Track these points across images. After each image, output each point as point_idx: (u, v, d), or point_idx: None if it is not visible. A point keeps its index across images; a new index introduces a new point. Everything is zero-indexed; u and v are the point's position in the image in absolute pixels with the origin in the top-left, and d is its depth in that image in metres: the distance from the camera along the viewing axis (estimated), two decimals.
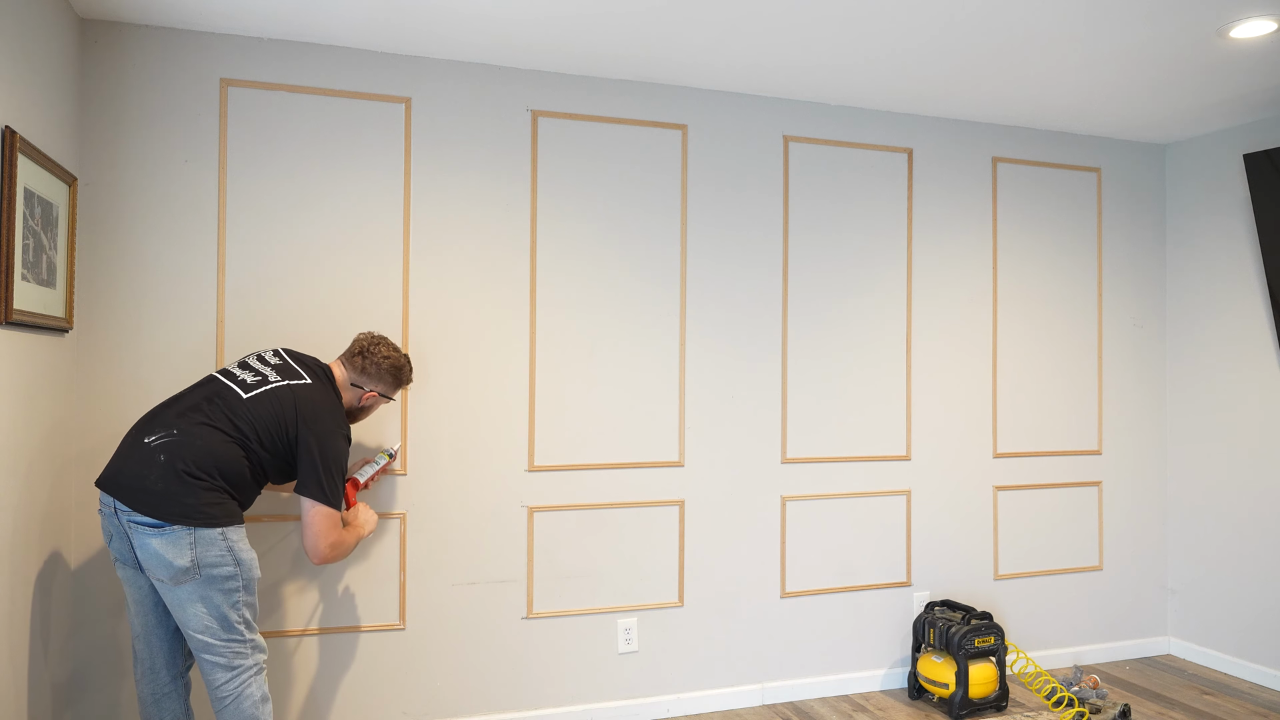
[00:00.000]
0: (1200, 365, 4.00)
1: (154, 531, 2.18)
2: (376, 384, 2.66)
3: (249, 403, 2.37)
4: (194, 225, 2.85)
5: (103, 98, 2.77)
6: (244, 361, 2.51)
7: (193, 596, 2.22)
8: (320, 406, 2.45)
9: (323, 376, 2.55)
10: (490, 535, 3.14)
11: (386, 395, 2.70)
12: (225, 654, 2.27)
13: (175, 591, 2.22)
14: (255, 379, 2.43)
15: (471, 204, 3.13)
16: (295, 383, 2.46)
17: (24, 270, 2.28)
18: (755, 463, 3.46)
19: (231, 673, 2.28)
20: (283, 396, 2.41)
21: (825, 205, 3.58)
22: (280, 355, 2.55)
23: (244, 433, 2.34)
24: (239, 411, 2.35)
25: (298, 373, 2.50)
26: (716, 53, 3.04)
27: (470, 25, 2.81)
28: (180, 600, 2.22)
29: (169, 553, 2.18)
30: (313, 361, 2.59)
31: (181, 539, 2.19)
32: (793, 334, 3.52)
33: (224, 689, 2.27)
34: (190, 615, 2.23)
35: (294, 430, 2.41)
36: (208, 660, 2.27)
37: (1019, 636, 3.86)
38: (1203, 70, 3.17)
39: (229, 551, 2.25)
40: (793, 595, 3.51)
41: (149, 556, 2.19)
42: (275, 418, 2.39)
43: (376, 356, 2.63)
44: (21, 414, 2.31)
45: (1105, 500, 4.03)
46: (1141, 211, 4.12)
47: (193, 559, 2.20)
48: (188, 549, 2.20)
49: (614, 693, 3.27)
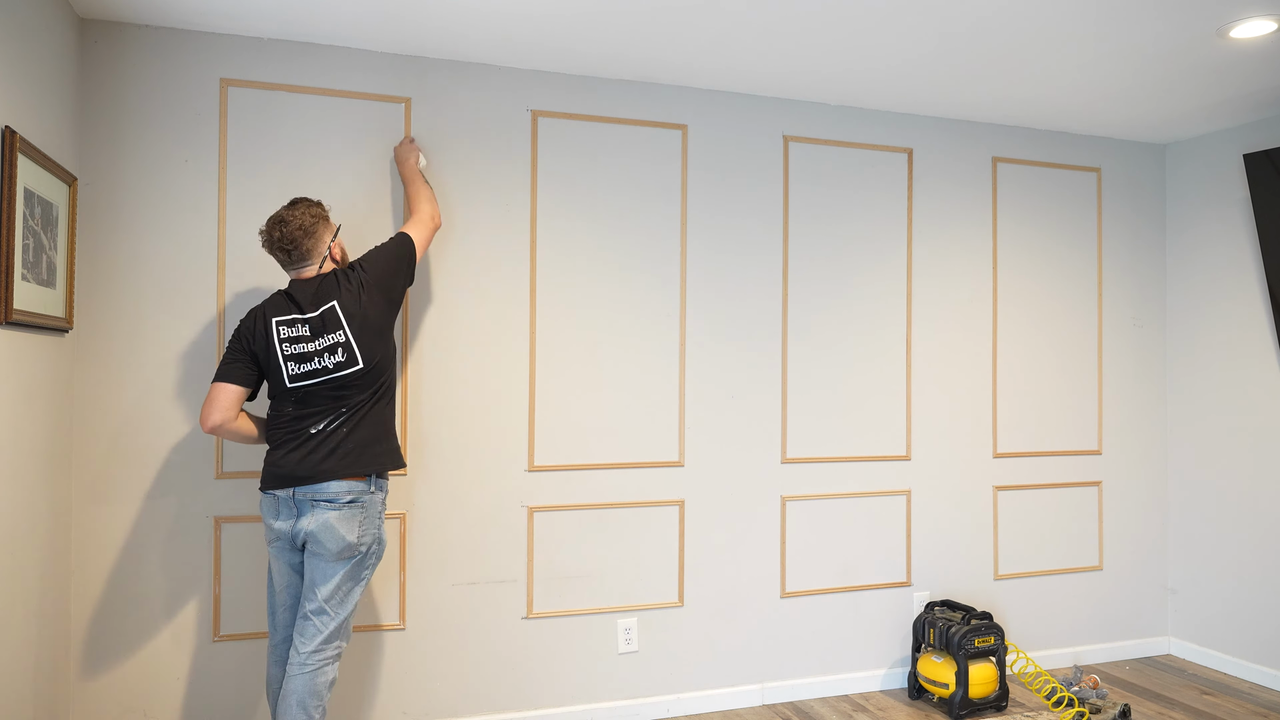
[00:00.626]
0: (1200, 365, 4.00)
1: (333, 508, 2.40)
2: (325, 238, 2.55)
3: (367, 363, 2.46)
4: (194, 225, 2.85)
5: (103, 98, 2.77)
6: (293, 354, 2.43)
7: (343, 567, 2.45)
8: (355, 282, 2.51)
9: (320, 286, 2.49)
10: (490, 535, 3.14)
11: (336, 233, 2.61)
12: (331, 625, 2.46)
13: (333, 563, 2.43)
14: (342, 354, 2.44)
15: (471, 203, 3.13)
16: (343, 314, 2.46)
17: (24, 270, 2.28)
18: (755, 463, 3.46)
19: (326, 644, 2.46)
20: (362, 326, 2.46)
21: (825, 205, 3.58)
22: (292, 322, 2.46)
23: (381, 384, 2.52)
24: (372, 376, 2.48)
25: (327, 314, 2.46)
26: (716, 53, 3.04)
27: (470, 25, 2.81)
28: (331, 569, 2.44)
29: (343, 526, 2.41)
30: (302, 297, 2.49)
31: (354, 515, 2.43)
32: (793, 334, 3.52)
33: (314, 657, 2.44)
34: (329, 580, 2.44)
35: (381, 297, 2.53)
36: (314, 624, 2.44)
37: (1019, 636, 3.86)
38: (1203, 70, 3.17)
39: (379, 530, 2.52)
40: (793, 595, 3.51)
41: (322, 529, 2.39)
42: (381, 330, 2.51)
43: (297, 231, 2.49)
44: (21, 414, 2.31)
45: (1105, 500, 4.03)
46: (1141, 211, 4.13)
47: (359, 534, 2.44)
48: (357, 525, 2.44)
49: (614, 693, 3.27)
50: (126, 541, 2.78)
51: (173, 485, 2.82)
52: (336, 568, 2.45)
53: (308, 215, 2.51)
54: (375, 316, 2.50)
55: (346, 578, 2.47)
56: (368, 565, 2.51)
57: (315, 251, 2.52)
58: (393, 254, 2.61)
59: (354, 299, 2.49)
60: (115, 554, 2.77)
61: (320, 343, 2.44)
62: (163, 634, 2.81)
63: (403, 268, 2.62)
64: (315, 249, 2.52)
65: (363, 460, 2.46)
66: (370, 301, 2.51)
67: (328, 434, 2.44)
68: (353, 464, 2.45)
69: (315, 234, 2.52)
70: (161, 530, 2.81)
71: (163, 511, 2.81)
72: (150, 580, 2.80)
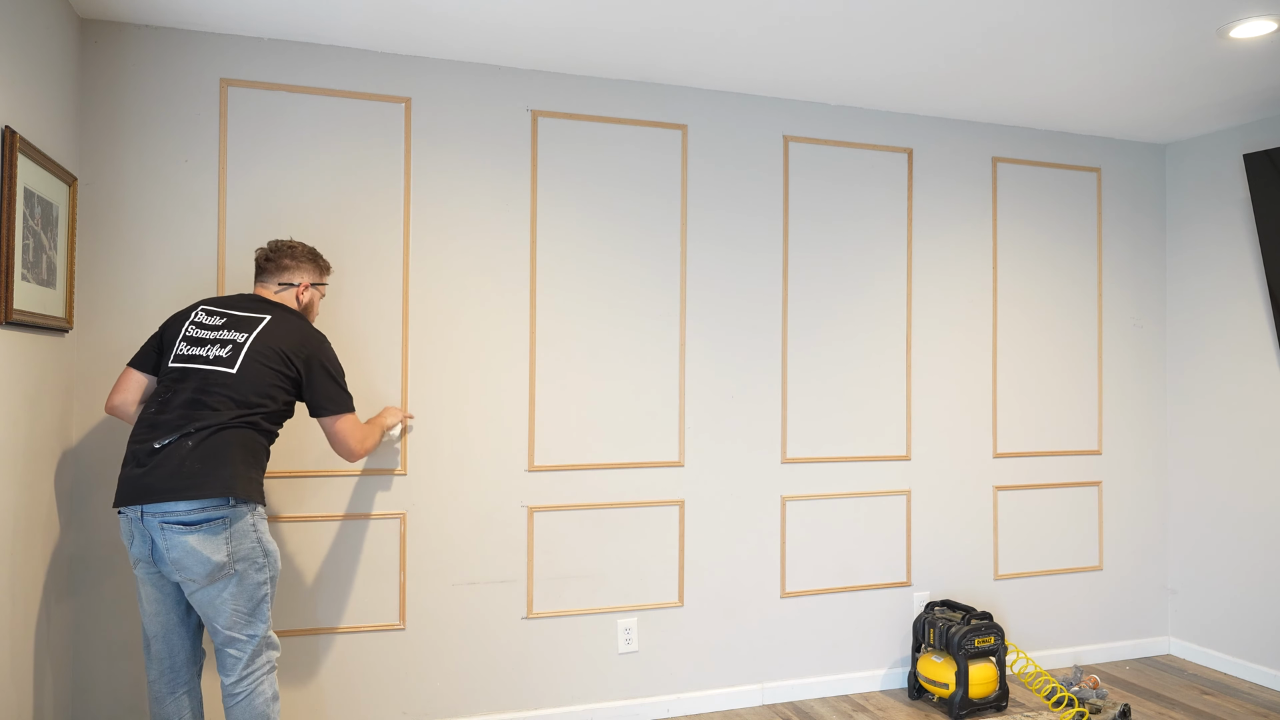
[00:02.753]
0: (1200, 365, 4.00)
1: (188, 530, 2.17)
2: (305, 275, 2.57)
3: (241, 375, 2.30)
4: (194, 225, 2.85)
5: (103, 98, 2.77)
6: (192, 336, 2.36)
7: (224, 591, 2.23)
8: (296, 331, 2.42)
9: (266, 303, 2.47)
10: (490, 535, 3.14)
11: (319, 283, 2.63)
12: (248, 649, 2.28)
13: (208, 589, 2.22)
14: (227, 350, 2.33)
15: (471, 204, 3.13)
16: (259, 329, 2.38)
17: (24, 270, 2.28)
18: (755, 463, 3.46)
19: (249, 668, 2.29)
20: (262, 351, 2.35)
21: (825, 205, 3.58)
22: (215, 312, 2.41)
23: (252, 406, 2.30)
24: (239, 389, 2.29)
25: (249, 319, 2.40)
26: (716, 53, 3.04)
27: (470, 25, 2.81)
28: (210, 596, 2.22)
29: (206, 548, 2.17)
30: (243, 299, 2.46)
31: (218, 533, 2.19)
32: (793, 334, 3.52)
33: (240, 685, 2.28)
34: (220, 610, 2.24)
35: (295, 367, 2.39)
36: (230, 655, 2.28)
37: (1019, 636, 3.86)
38: (1203, 70, 3.17)
39: (259, 543, 2.28)
40: (793, 595, 3.51)
41: (183, 554, 2.16)
42: (272, 371, 2.34)
43: (287, 248, 2.54)
44: (21, 414, 2.31)
45: (1105, 500, 4.03)
46: (1141, 211, 4.13)
47: (229, 553, 2.21)
48: (224, 544, 2.20)
49: (614, 693, 3.27)
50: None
51: None
52: (217, 591, 2.23)
53: (306, 248, 2.59)
54: (274, 370, 2.35)
55: (237, 598, 2.25)
56: (259, 580, 2.29)
57: (289, 274, 2.55)
58: (322, 371, 2.44)
59: (279, 340, 2.38)
60: (114, 554, 2.77)
61: (220, 334, 2.36)
62: None
63: (312, 380, 2.43)
64: (290, 274, 2.55)
65: (207, 483, 2.18)
66: (284, 362, 2.37)
67: (170, 449, 2.20)
68: (196, 485, 2.18)
69: (300, 264, 2.56)
70: None
71: None
72: None
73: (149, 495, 2.17)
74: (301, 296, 2.58)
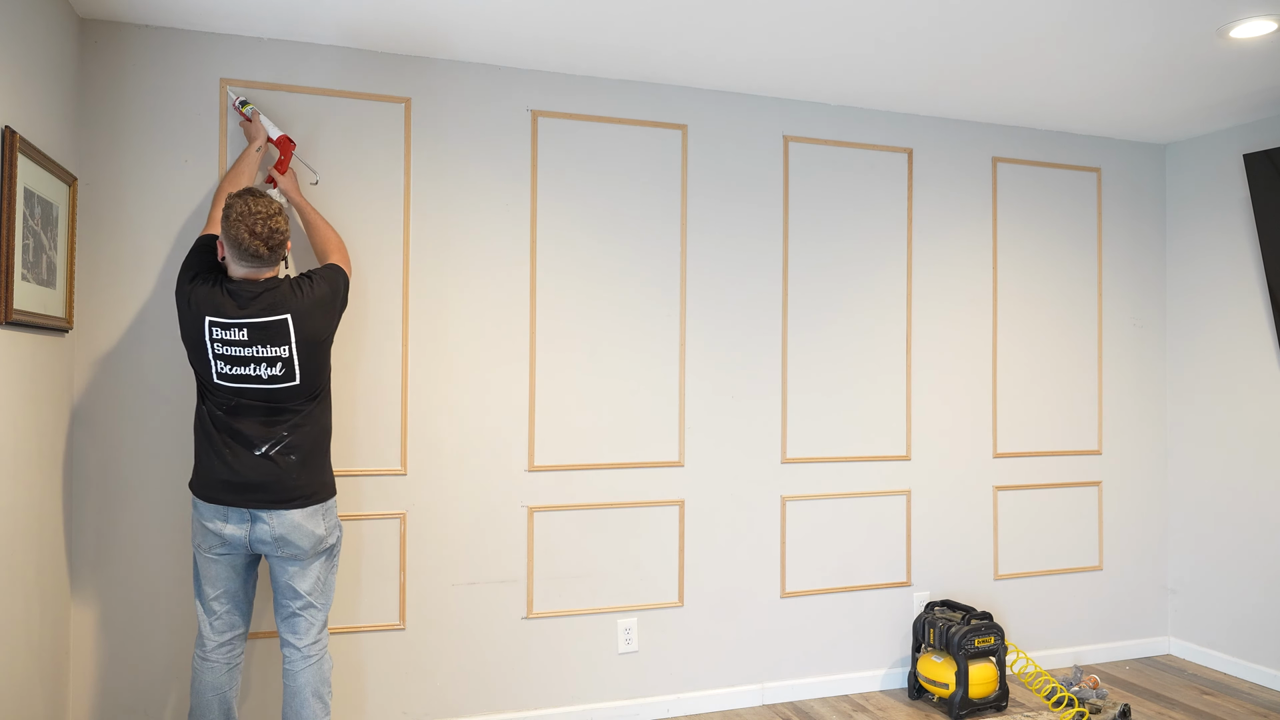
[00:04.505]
0: (1200, 365, 4.00)
1: (292, 508, 2.41)
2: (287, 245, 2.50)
3: (303, 378, 2.42)
4: (194, 225, 2.85)
5: (103, 98, 2.77)
6: (226, 355, 2.35)
7: (317, 561, 2.50)
8: (308, 289, 2.44)
9: (264, 291, 2.38)
10: (490, 535, 3.14)
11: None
12: (321, 616, 2.53)
13: (304, 561, 2.46)
14: (280, 369, 2.37)
15: (471, 204, 3.13)
16: (292, 329, 2.38)
17: (24, 270, 2.28)
18: (755, 463, 3.47)
19: (323, 632, 2.54)
20: (309, 339, 2.41)
21: (825, 205, 3.58)
22: (230, 325, 2.34)
23: (318, 388, 2.47)
24: (307, 388, 2.44)
25: (274, 325, 2.36)
26: (716, 53, 3.04)
27: (470, 25, 2.81)
28: (302, 566, 2.47)
29: (310, 523, 2.43)
30: (236, 301, 2.36)
31: (317, 511, 2.46)
32: (792, 334, 3.52)
33: (315, 646, 2.52)
34: (307, 577, 2.48)
35: (339, 304, 2.52)
36: (305, 619, 2.50)
37: (1019, 636, 3.86)
38: (1203, 70, 3.17)
39: (337, 520, 2.57)
40: (793, 595, 3.51)
41: (289, 530, 2.40)
42: (325, 342, 2.46)
43: (280, 237, 2.39)
44: (21, 414, 2.31)
45: (1105, 500, 4.03)
46: (1141, 211, 4.13)
47: (326, 527, 2.49)
48: (321, 518, 2.47)
49: (614, 693, 3.27)
50: (126, 541, 2.78)
51: (172, 485, 2.82)
52: (314, 564, 2.50)
53: (283, 233, 2.38)
54: (327, 340, 2.48)
55: (327, 569, 2.54)
56: (337, 553, 2.60)
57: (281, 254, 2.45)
58: (336, 282, 2.53)
59: (310, 310, 2.42)
60: (115, 554, 2.77)
61: (257, 351, 2.36)
62: (162, 634, 2.81)
63: (343, 295, 2.56)
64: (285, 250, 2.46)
65: (317, 491, 2.47)
66: (330, 317, 2.48)
67: (270, 459, 2.40)
68: (305, 493, 2.45)
69: (286, 242, 2.42)
70: (161, 530, 2.81)
71: (162, 511, 2.81)
72: (149, 580, 2.80)
73: (262, 503, 2.38)
74: (289, 252, 2.59)
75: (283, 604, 2.52)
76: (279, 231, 2.35)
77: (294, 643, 2.51)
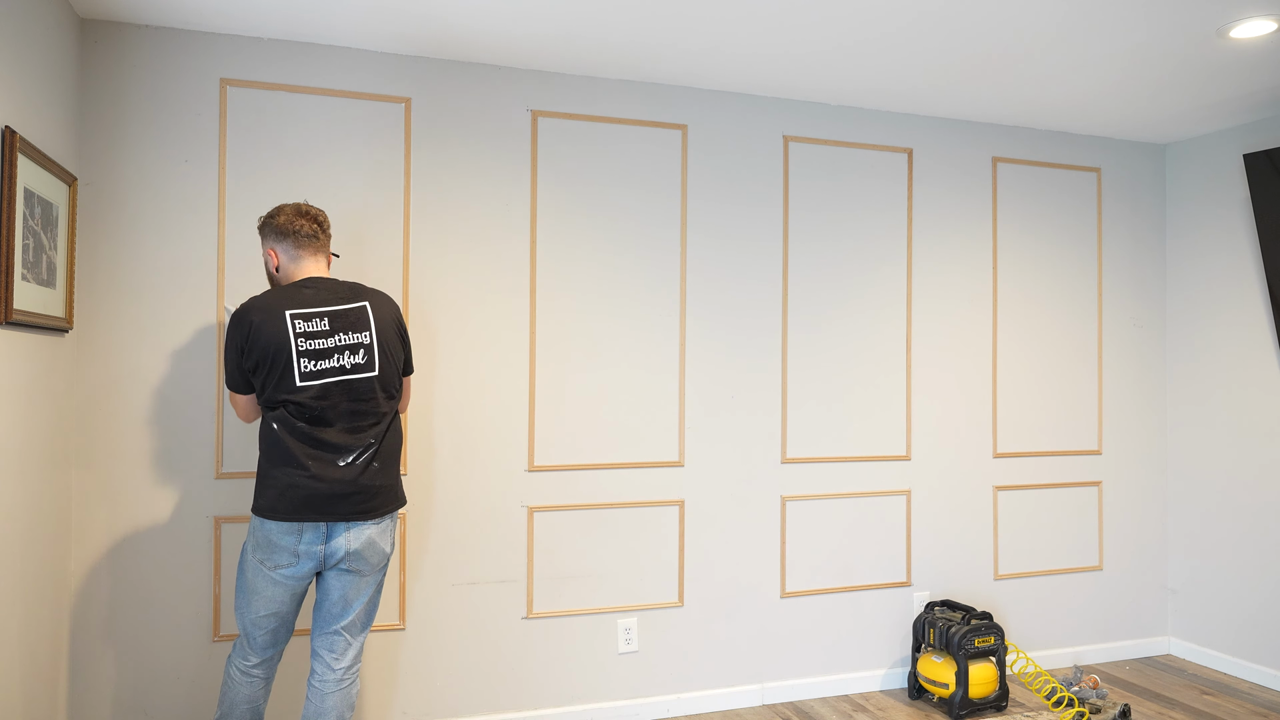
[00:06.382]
0: (1200, 365, 4.00)
1: (369, 523, 2.36)
2: None
3: (381, 372, 2.39)
4: (194, 225, 2.85)
5: (103, 98, 2.77)
6: (309, 350, 2.30)
7: (376, 579, 2.43)
8: (387, 302, 2.47)
9: (345, 285, 2.42)
10: (490, 535, 3.14)
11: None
12: (362, 638, 2.46)
13: (367, 577, 2.40)
14: (362, 356, 2.35)
15: (471, 204, 3.13)
16: (374, 320, 2.39)
17: (24, 270, 2.28)
18: (755, 463, 3.47)
19: (359, 657, 2.46)
20: (387, 337, 2.41)
21: (825, 205, 3.58)
22: (312, 315, 2.32)
23: (393, 395, 2.45)
24: (385, 385, 2.41)
25: (355, 312, 2.37)
26: (716, 53, 3.04)
27: (470, 25, 2.81)
28: (364, 583, 2.40)
29: (382, 540, 2.39)
30: (322, 290, 2.38)
31: (389, 526, 2.42)
32: (793, 333, 3.52)
33: (352, 671, 2.43)
34: (361, 595, 2.40)
35: (405, 336, 2.51)
36: (346, 640, 2.41)
37: (1019, 636, 3.86)
38: (1203, 70, 3.17)
39: (395, 536, 2.50)
40: (793, 595, 3.51)
41: (364, 545, 2.34)
42: (398, 355, 2.45)
43: (320, 213, 2.48)
44: (21, 414, 2.31)
45: (1105, 500, 4.03)
46: (1141, 211, 4.13)
47: (391, 543, 2.45)
48: (389, 535, 2.43)
49: (614, 693, 3.27)
50: (126, 542, 2.78)
51: (172, 485, 2.82)
52: (372, 581, 2.41)
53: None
54: (399, 353, 2.47)
55: (378, 589, 2.46)
56: (386, 570, 2.54)
57: (328, 240, 2.49)
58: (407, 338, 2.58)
59: (387, 319, 2.44)
60: (115, 554, 2.77)
61: (340, 339, 2.33)
62: (162, 634, 2.81)
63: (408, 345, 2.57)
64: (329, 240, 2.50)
65: (393, 499, 2.42)
66: (400, 338, 2.49)
67: (356, 467, 2.33)
68: (384, 502, 2.40)
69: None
70: (161, 530, 2.81)
71: (162, 511, 2.81)
72: (150, 580, 2.80)
73: (343, 515, 2.31)
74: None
75: (326, 619, 2.40)
76: (321, 212, 2.48)
77: (330, 663, 2.39)
